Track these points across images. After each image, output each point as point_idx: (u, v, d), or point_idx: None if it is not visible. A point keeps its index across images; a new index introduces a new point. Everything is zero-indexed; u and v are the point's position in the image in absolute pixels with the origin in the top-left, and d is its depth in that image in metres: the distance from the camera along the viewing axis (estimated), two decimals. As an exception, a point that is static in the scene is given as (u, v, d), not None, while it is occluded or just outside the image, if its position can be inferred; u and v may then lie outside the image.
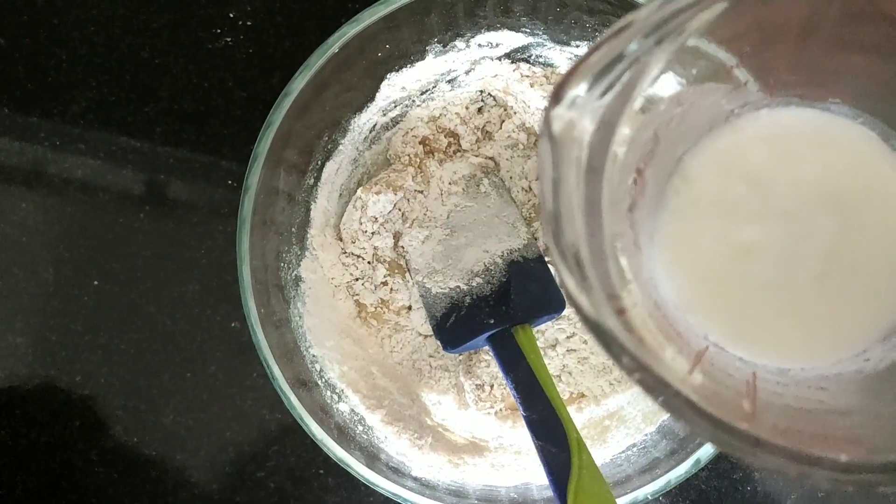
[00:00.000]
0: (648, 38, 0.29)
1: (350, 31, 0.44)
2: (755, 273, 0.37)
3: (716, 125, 0.38)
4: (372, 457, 0.46)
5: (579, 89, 0.29)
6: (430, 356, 0.51)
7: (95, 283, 0.56)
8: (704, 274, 0.37)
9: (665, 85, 0.35)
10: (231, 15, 0.57)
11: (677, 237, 0.37)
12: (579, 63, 0.29)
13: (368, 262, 0.51)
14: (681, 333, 0.36)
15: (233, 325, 0.55)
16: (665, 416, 0.47)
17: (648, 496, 0.44)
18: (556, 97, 0.29)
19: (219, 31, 0.57)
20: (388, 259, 0.51)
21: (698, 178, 0.38)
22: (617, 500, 0.44)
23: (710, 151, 0.38)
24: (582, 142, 0.30)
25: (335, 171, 0.50)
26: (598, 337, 0.28)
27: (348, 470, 0.45)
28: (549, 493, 0.42)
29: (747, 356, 0.36)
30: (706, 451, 0.43)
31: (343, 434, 0.46)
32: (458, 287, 0.48)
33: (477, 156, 0.51)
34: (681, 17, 0.29)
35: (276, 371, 0.44)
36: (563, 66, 0.50)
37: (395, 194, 0.50)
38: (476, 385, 0.50)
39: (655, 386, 0.27)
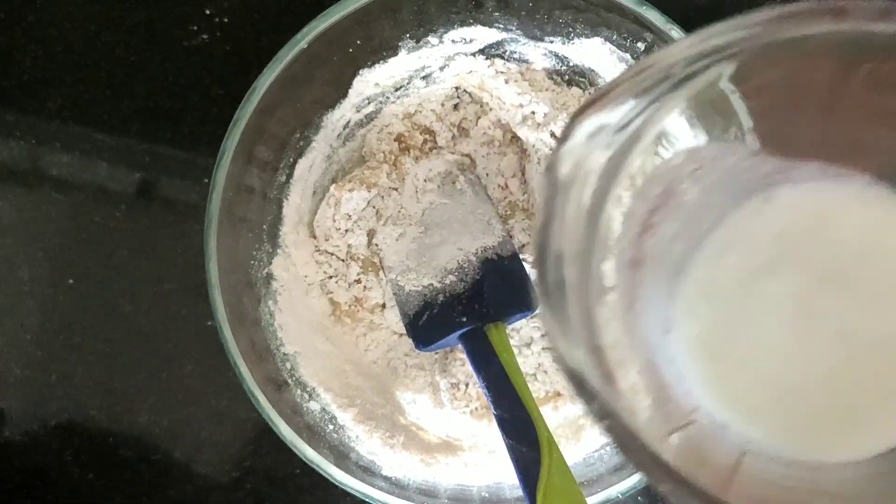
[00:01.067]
0: (667, 81, 0.28)
1: (320, 25, 0.44)
2: (780, 365, 0.34)
3: (739, 200, 0.35)
4: (342, 456, 0.46)
5: (599, 120, 0.28)
6: (406, 355, 0.51)
7: (70, 281, 0.56)
8: (725, 357, 0.35)
9: (682, 132, 0.33)
10: (208, 12, 0.56)
11: (698, 313, 0.35)
12: (600, 94, 0.28)
13: (342, 260, 0.50)
14: (672, 397, 0.34)
15: (209, 324, 0.54)
16: (640, 415, 0.47)
17: (620, 495, 0.43)
18: (569, 130, 0.28)
19: (195, 28, 0.56)
20: (361, 257, 0.50)
21: (721, 255, 0.35)
22: (590, 499, 0.43)
23: (734, 228, 0.35)
24: (586, 181, 0.29)
25: (308, 168, 0.50)
26: (571, 380, 0.27)
27: (317, 469, 0.44)
28: (521, 492, 0.42)
29: (747, 434, 0.34)
30: (678, 449, 0.42)
31: (313, 433, 0.45)
32: (432, 285, 0.48)
33: (453, 153, 0.51)
34: (705, 61, 0.28)
35: (244, 370, 0.44)
36: (538, 61, 0.49)
37: (370, 191, 0.50)
38: (451, 384, 0.50)
39: (623, 437, 0.27)
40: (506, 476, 0.47)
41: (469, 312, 0.46)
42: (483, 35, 0.48)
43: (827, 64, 0.30)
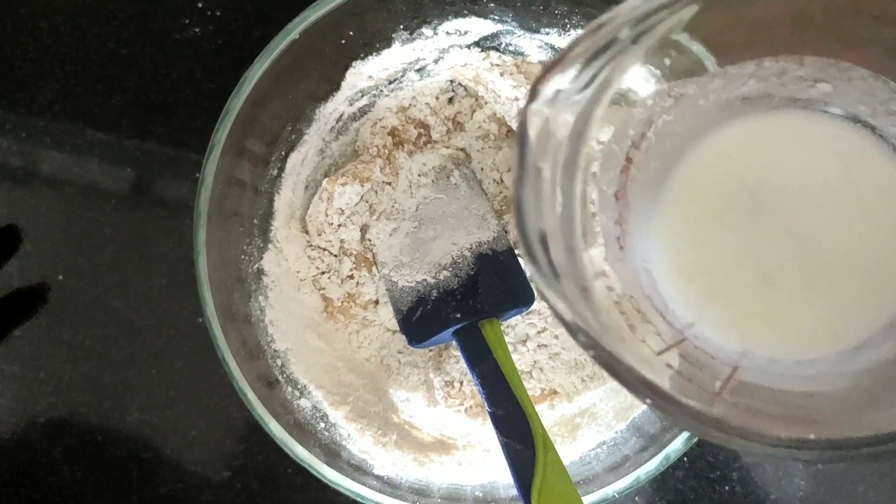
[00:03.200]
0: (629, 31, 0.30)
1: (311, 15, 0.43)
2: (752, 268, 0.37)
3: (714, 124, 0.38)
4: (333, 455, 0.45)
5: (560, 83, 0.30)
6: (399, 352, 0.50)
7: (60, 277, 0.55)
8: (700, 267, 0.38)
9: (645, 80, 0.35)
10: (200, 5, 0.56)
11: (673, 231, 0.38)
12: (559, 57, 0.30)
13: (335, 255, 0.49)
14: (665, 319, 0.36)
15: (199, 320, 0.54)
16: (637, 413, 0.46)
17: (617, 494, 0.43)
18: (533, 92, 0.30)
19: (187, 21, 0.56)
20: (354, 252, 0.49)
21: (695, 175, 0.38)
22: (586, 498, 0.43)
23: (708, 150, 0.38)
24: (559, 136, 0.31)
25: (300, 162, 0.49)
26: (557, 318, 0.29)
27: (307, 468, 0.44)
28: (516, 491, 0.41)
29: (740, 347, 0.37)
30: (675, 447, 0.42)
31: (304, 431, 0.45)
32: (425, 280, 0.47)
33: (447, 147, 0.50)
34: (661, 13, 0.30)
35: (234, 367, 0.43)
36: (534, 54, 0.48)
37: (363, 186, 0.49)
38: (445, 382, 0.49)
39: (609, 361, 0.29)
40: (500, 475, 0.46)
41: (463, 308, 0.46)
42: (478, 27, 0.47)
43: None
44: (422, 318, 0.46)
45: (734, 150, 0.38)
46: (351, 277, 0.49)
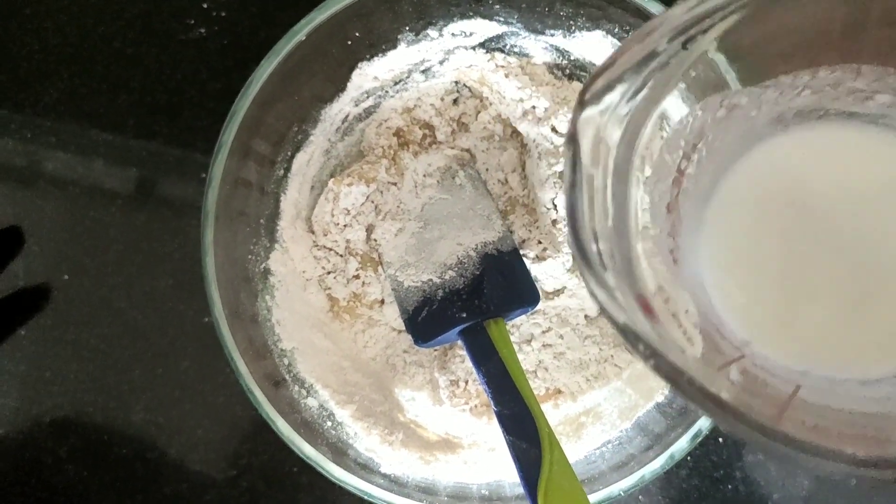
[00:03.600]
0: (676, 40, 0.30)
1: (318, 17, 0.43)
2: (802, 284, 0.36)
3: (764, 137, 0.38)
4: (340, 453, 0.45)
5: (610, 92, 0.30)
6: (405, 352, 0.50)
7: (66, 277, 0.55)
8: (750, 284, 0.37)
9: (695, 91, 0.35)
10: (205, 5, 0.56)
11: (721, 246, 0.37)
12: (608, 63, 0.29)
13: (340, 255, 0.50)
14: (723, 334, 0.36)
15: (205, 320, 0.54)
16: (641, 413, 0.46)
17: (622, 492, 0.43)
18: (582, 101, 0.29)
19: (192, 21, 0.56)
20: (360, 252, 0.50)
21: (743, 187, 0.37)
22: (591, 497, 0.43)
23: (755, 162, 0.38)
24: (609, 145, 0.31)
25: (306, 163, 0.49)
26: (617, 329, 0.29)
27: (315, 466, 0.44)
28: (522, 489, 0.41)
29: (800, 366, 0.36)
30: (680, 446, 0.42)
31: (311, 430, 0.45)
32: (431, 280, 0.47)
33: (452, 148, 0.50)
34: (708, 20, 0.30)
35: (241, 366, 0.43)
36: (538, 55, 0.49)
37: (368, 186, 0.49)
38: (450, 381, 0.49)
39: (670, 372, 0.28)
40: (506, 474, 0.47)
41: (469, 308, 0.46)
42: (483, 28, 0.47)
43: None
44: (428, 318, 0.46)
45: (782, 161, 0.37)
46: (357, 277, 0.49)
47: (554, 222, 0.48)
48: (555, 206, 0.48)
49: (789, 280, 0.37)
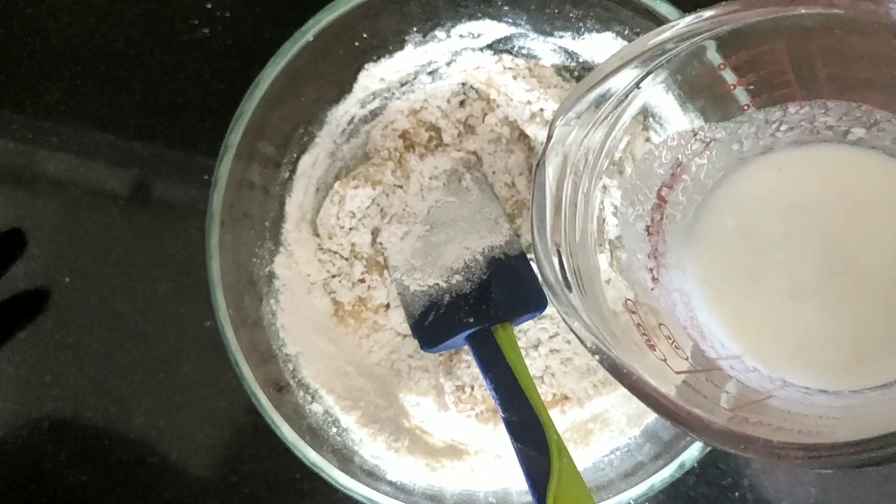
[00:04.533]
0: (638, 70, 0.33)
1: (325, 18, 0.43)
2: (798, 300, 0.38)
3: (744, 162, 0.39)
4: (346, 460, 0.44)
5: (574, 123, 0.33)
6: (410, 356, 0.49)
7: (66, 280, 0.54)
8: (739, 304, 0.39)
9: (670, 117, 0.38)
10: (209, 6, 0.55)
11: (713, 270, 0.39)
12: (573, 96, 0.33)
13: (345, 259, 0.49)
14: (700, 347, 0.37)
15: (207, 324, 0.53)
16: (650, 419, 0.46)
17: (632, 500, 0.42)
18: (550, 131, 0.33)
19: (196, 21, 0.55)
20: (365, 255, 0.49)
21: (727, 209, 0.39)
22: (599, 506, 0.42)
23: (738, 185, 0.39)
24: (572, 160, 0.34)
25: (312, 165, 0.49)
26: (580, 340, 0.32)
27: (321, 474, 0.43)
28: (529, 497, 0.40)
29: (782, 379, 0.37)
30: (690, 454, 0.42)
31: (316, 436, 0.44)
32: (437, 285, 0.47)
33: (459, 150, 0.50)
34: (673, 49, 0.33)
35: (246, 370, 0.42)
36: (547, 57, 0.48)
37: (374, 189, 0.48)
38: (456, 386, 0.49)
39: (617, 370, 0.32)
40: (513, 481, 0.46)
41: (476, 313, 0.45)
42: (491, 29, 0.47)
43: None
44: (434, 323, 0.46)
45: (773, 177, 0.38)
46: (362, 281, 0.49)
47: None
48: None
49: (781, 295, 0.38)
